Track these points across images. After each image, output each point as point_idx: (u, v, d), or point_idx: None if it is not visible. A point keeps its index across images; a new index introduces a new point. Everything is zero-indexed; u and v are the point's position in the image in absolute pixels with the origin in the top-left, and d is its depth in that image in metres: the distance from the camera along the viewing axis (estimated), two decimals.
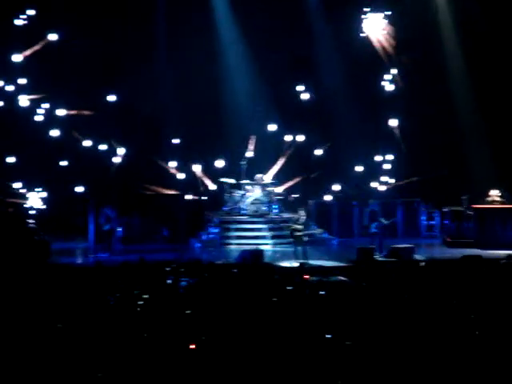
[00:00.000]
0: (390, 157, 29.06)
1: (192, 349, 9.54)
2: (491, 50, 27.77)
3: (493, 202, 24.76)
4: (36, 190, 26.40)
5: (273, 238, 25.12)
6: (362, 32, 29.09)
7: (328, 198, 28.03)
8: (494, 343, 9.85)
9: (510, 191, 25.24)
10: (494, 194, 24.78)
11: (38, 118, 26.75)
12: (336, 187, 28.45)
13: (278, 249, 24.34)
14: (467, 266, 16.57)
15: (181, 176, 28.10)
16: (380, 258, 21.85)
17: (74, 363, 9.27)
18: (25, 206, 25.96)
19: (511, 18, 27.38)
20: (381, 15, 29.17)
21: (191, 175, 28.22)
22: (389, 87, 29.22)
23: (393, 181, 28.86)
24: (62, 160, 27.06)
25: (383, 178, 28.88)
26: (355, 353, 9.50)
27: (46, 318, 10.92)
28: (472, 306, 11.69)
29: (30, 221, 23.28)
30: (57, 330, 10.40)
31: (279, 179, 27.77)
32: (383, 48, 29.35)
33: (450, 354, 9.49)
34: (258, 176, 26.36)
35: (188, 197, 27.02)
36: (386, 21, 29.20)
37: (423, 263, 18.15)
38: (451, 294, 12.82)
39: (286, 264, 21.08)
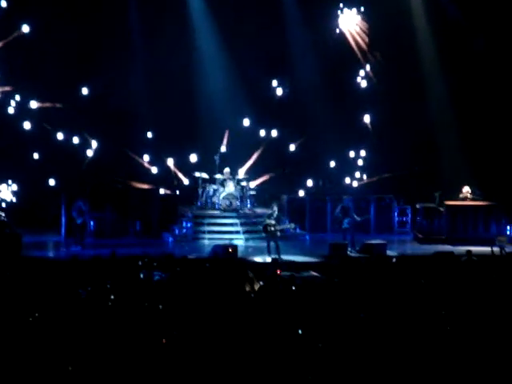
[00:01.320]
0: (363, 153, 29.16)
1: (163, 343, 9.53)
2: (465, 45, 27.91)
3: (465, 198, 24.93)
4: (7, 182, 26.19)
5: (245, 232, 25.12)
6: (337, 28, 29.14)
7: (301, 193, 28.06)
8: (465, 339, 9.91)
9: (482, 188, 25.43)
10: (466, 190, 24.95)
11: (10, 111, 26.51)
12: (309, 182, 28.51)
13: (251, 244, 24.35)
14: (439, 263, 16.69)
15: (154, 170, 28.02)
16: (352, 254, 21.94)
17: (45, 356, 9.22)
18: None
19: (486, 12, 27.50)
20: (355, 11, 29.25)
21: (164, 169, 28.14)
22: (363, 83, 29.31)
23: (365, 177, 28.97)
24: (34, 153, 26.84)
25: (356, 174, 28.98)
26: (326, 349, 9.52)
27: (17, 311, 10.85)
28: (443, 302, 11.76)
29: (1, 214, 23.08)
30: (28, 324, 10.34)
31: (253, 174, 27.73)
32: (357, 44, 29.43)
33: (421, 350, 9.54)
34: (226, 170, 26.33)
35: (161, 191, 26.93)
36: (360, 17, 29.29)
37: (395, 259, 18.26)
38: (422, 291, 12.89)
39: (258, 259, 21.11)
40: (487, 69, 27.76)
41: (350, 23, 29.34)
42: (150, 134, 28.02)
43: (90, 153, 27.41)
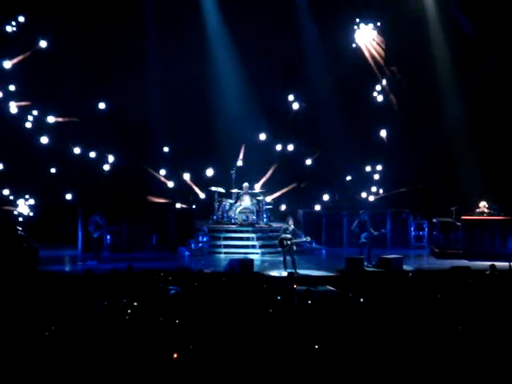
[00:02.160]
0: (379, 167, 29.12)
1: (175, 358, 9.50)
2: (481, 60, 27.88)
3: (481, 213, 24.83)
4: (25, 197, 26.29)
5: (261, 247, 25.11)
6: (354, 42, 29.19)
7: (317, 207, 28.02)
8: (481, 354, 9.86)
9: (499, 203, 25.31)
10: (483, 205, 24.85)
11: (28, 125, 26.64)
12: (325, 197, 28.47)
13: (267, 258, 24.33)
14: (455, 277, 16.61)
15: (170, 184, 28.06)
16: (369, 268, 21.89)
17: (61, 370, 9.23)
18: (14, 213, 25.84)
19: (500, 27, 27.47)
20: (371, 26, 29.30)
21: (181, 183, 28.18)
22: (379, 98, 29.32)
23: (382, 191, 28.91)
24: (51, 167, 26.95)
25: (372, 189, 28.93)
26: (342, 363, 9.49)
27: (34, 326, 10.87)
28: (460, 317, 11.71)
29: (19, 228, 23.16)
30: (44, 338, 10.36)
31: (269, 188, 27.74)
32: (373, 59, 29.46)
33: (438, 364, 9.49)
34: (245, 185, 26.35)
35: (177, 205, 26.97)
36: (376, 31, 29.34)
37: (411, 274, 18.18)
38: (439, 305, 12.83)
39: (274, 273, 21.07)
40: (504, 83, 27.70)
41: (367, 38, 29.39)
42: (166, 149, 28.08)
43: (106, 167, 27.49)
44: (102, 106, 27.53)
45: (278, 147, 28.84)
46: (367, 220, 23.05)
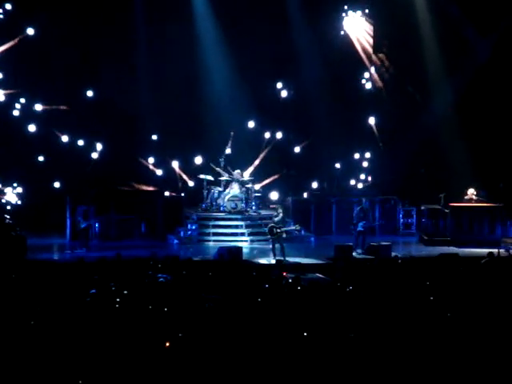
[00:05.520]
0: (367, 155, 29.17)
1: (167, 347, 9.50)
2: (469, 48, 27.90)
3: (470, 200, 24.89)
4: (12, 185, 26.20)
5: (250, 234, 25.12)
6: (342, 30, 29.18)
7: (306, 195, 28.05)
8: (471, 341, 9.89)
9: (487, 189, 25.39)
10: (471, 192, 24.91)
11: (15, 113, 26.54)
12: (314, 184, 28.49)
13: (256, 246, 24.34)
14: (444, 264, 16.67)
15: (159, 172, 28.03)
16: (358, 256, 21.92)
17: (49, 359, 9.21)
18: (1, 201, 25.76)
19: (489, 15, 27.50)
20: (359, 13, 29.29)
21: (169, 171, 28.15)
22: (367, 85, 29.35)
23: (370, 178, 28.96)
24: (39, 155, 26.87)
25: (361, 176, 28.97)
26: (331, 351, 9.51)
27: (22, 314, 10.85)
28: (448, 304, 11.74)
29: (7, 216, 23.09)
30: (33, 326, 10.34)
31: (258, 176, 27.73)
32: (362, 46, 29.45)
33: (426, 351, 9.52)
34: (237, 171, 26.33)
35: (166, 193, 26.95)
36: (364, 18, 29.33)
37: (400, 261, 18.24)
38: (428, 292, 12.87)
39: (263, 261, 21.09)
40: (492, 70, 27.73)
41: (355, 25, 29.38)
42: (154, 137, 28.03)
43: (95, 155, 27.43)
44: (90, 94, 27.44)
45: (267, 135, 28.84)
46: (369, 208, 23.08)
